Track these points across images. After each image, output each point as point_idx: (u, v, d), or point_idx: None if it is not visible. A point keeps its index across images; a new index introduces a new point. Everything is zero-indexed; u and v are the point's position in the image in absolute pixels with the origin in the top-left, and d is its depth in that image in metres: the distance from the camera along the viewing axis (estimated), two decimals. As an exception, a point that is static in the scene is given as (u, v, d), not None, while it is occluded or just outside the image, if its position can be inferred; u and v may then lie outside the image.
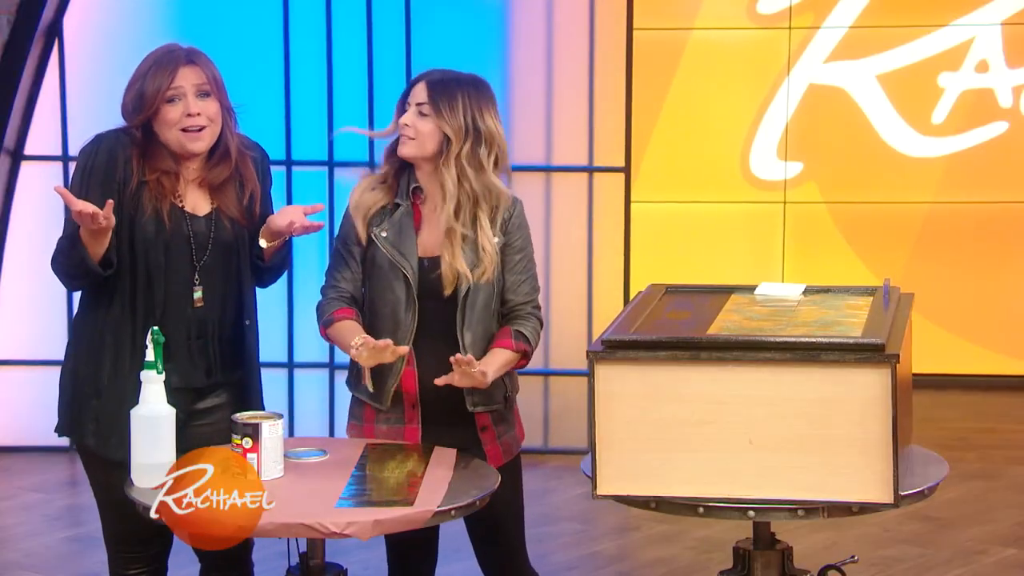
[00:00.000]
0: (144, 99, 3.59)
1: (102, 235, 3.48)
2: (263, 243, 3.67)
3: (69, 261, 3.54)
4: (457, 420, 3.71)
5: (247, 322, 3.72)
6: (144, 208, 3.59)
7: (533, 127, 6.43)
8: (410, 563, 3.82)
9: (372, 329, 3.72)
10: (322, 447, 3.58)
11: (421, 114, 3.67)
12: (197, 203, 3.66)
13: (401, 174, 3.74)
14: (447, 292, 3.67)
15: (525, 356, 3.73)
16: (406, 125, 3.68)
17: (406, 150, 3.69)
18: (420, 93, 3.68)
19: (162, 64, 3.60)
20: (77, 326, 3.73)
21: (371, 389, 3.69)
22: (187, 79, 3.59)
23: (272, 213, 3.78)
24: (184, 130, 3.59)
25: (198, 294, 3.63)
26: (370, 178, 3.79)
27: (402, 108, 3.72)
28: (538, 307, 3.79)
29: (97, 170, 3.59)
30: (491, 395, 3.73)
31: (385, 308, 3.70)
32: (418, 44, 6.32)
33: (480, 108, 3.68)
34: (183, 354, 3.61)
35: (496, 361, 3.65)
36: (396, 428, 3.71)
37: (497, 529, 3.75)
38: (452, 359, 3.56)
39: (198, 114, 3.59)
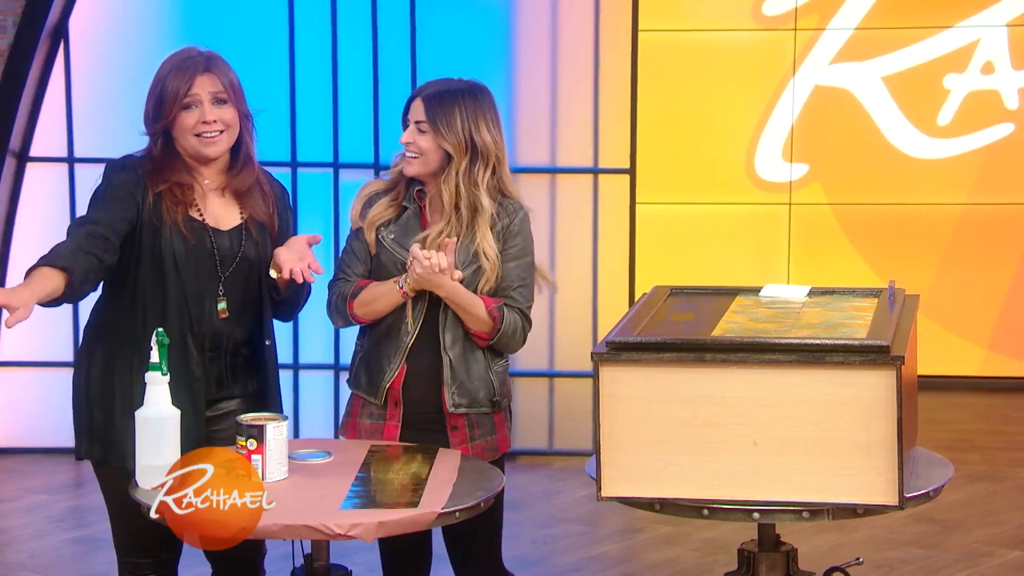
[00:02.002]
0: (163, 105, 3.61)
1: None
2: (273, 274, 3.66)
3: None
4: (433, 420, 3.71)
5: (268, 343, 3.72)
6: (165, 222, 3.59)
7: (538, 129, 6.43)
8: (403, 567, 3.82)
9: (376, 328, 3.72)
10: (327, 449, 3.58)
11: (420, 131, 3.68)
12: (220, 215, 3.67)
13: (409, 179, 3.76)
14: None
15: (490, 332, 3.68)
16: (409, 143, 3.69)
17: (411, 169, 3.71)
18: (417, 110, 3.69)
19: (180, 70, 3.62)
20: (92, 348, 3.70)
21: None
22: (204, 87, 3.61)
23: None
24: (198, 135, 3.61)
25: (222, 305, 3.64)
26: (377, 185, 3.79)
27: (404, 124, 3.73)
28: (527, 315, 3.76)
29: (117, 184, 3.61)
30: (474, 396, 3.72)
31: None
32: (423, 46, 6.32)
33: (477, 121, 3.67)
34: (195, 366, 3.60)
35: (465, 294, 3.63)
36: (377, 424, 3.72)
37: (468, 534, 3.70)
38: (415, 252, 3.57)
39: (214, 121, 3.61)
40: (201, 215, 3.65)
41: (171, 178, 3.62)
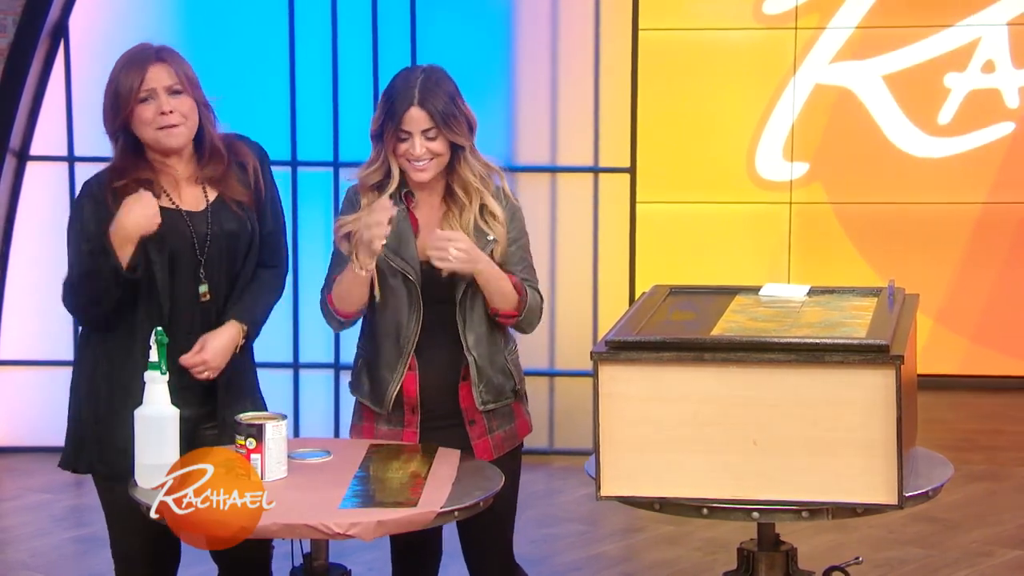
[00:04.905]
0: (119, 100, 3.59)
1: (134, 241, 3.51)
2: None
3: (99, 278, 3.53)
4: (445, 416, 3.70)
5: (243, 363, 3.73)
6: None
7: (538, 128, 6.43)
8: (413, 564, 3.82)
9: (373, 335, 3.71)
10: (326, 448, 3.57)
11: (429, 138, 3.63)
12: (195, 200, 3.65)
13: (385, 187, 3.71)
14: (445, 273, 3.65)
15: (517, 308, 3.67)
16: (419, 156, 3.62)
17: (426, 176, 3.65)
18: (419, 120, 3.61)
19: (132, 64, 3.61)
20: (80, 358, 3.72)
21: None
22: (159, 80, 3.59)
23: (278, 214, 3.78)
24: (160, 128, 3.58)
25: (203, 288, 3.63)
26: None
27: (394, 138, 3.64)
28: (539, 289, 3.76)
29: (85, 225, 3.61)
30: (500, 391, 3.72)
31: (387, 312, 3.69)
32: (423, 46, 6.32)
33: (460, 99, 3.66)
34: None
35: (497, 271, 3.62)
36: (395, 431, 3.71)
37: (484, 523, 3.65)
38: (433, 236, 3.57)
39: (171, 112, 3.58)
40: (174, 203, 3.62)
41: (132, 175, 3.59)
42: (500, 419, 3.74)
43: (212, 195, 3.66)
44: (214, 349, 3.61)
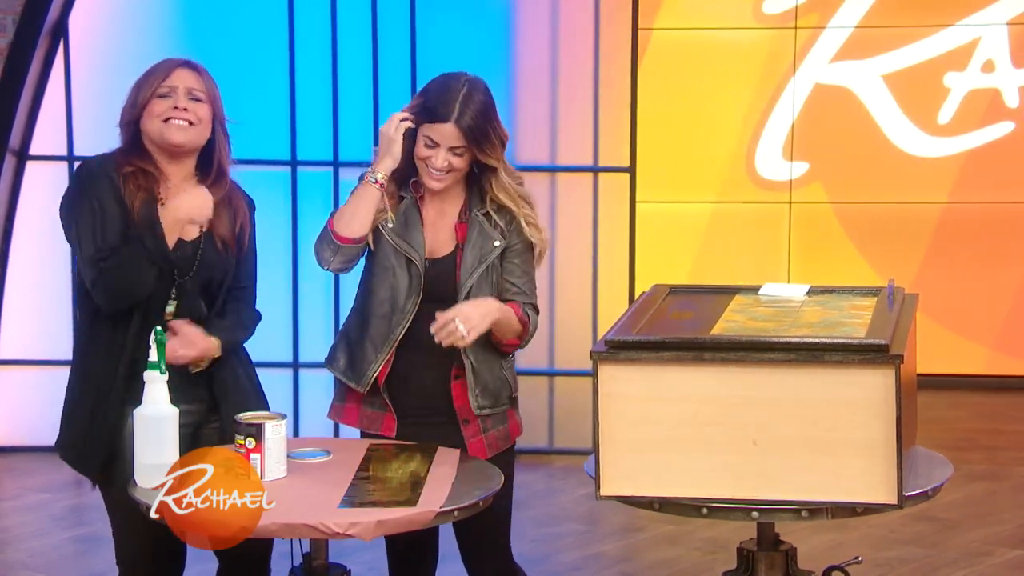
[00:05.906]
0: (139, 91, 3.59)
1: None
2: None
3: (143, 260, 3.48)
4: (437, 414, 3.69)
5: (239, 369, 3.71)
6: (134, 218, 3.54)
7: (538, 127, 6.44)
8: (410, 564, 3.82)
9: (364, 312, 3.70)
10: (326, 448, 3.58)
11: (456, 154, 3.62)
12: (189, 227, 3.61)
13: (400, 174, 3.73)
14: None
15: (520, 337, 3.67)
16: (439, 168, 3.61)
17: (439, 186, 3.65)
18: (451, 136, 3.59)
19: (161, 64, 3.61)
20: (73, 363, 3.71)
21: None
22: (182, 80, 3.59)
23: (253, 268, 3.76)
24: (165, 121, 3.56)
25: (170, 308, 3.59)
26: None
27: (420, 138, 3.62)
28: (537, 307, 3.77)
29: (101, 200, 3.54)
30: (497, 396, 3.72)
31: (384, 293, 3.67)
32: (423, 44, 6.33)
33: (495, 120, 3.65)
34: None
35: (506, 311, 3.60)
36: (379, 413, 3.72)
37: (480, 524, 3.63)
38: (433, 324, 3.53)
39: (185, 110, 3.56)
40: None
41: (136, 163, 3.57)
42: (494, 419, 3.74)
43: (203, 227, 3.63)
44: None
